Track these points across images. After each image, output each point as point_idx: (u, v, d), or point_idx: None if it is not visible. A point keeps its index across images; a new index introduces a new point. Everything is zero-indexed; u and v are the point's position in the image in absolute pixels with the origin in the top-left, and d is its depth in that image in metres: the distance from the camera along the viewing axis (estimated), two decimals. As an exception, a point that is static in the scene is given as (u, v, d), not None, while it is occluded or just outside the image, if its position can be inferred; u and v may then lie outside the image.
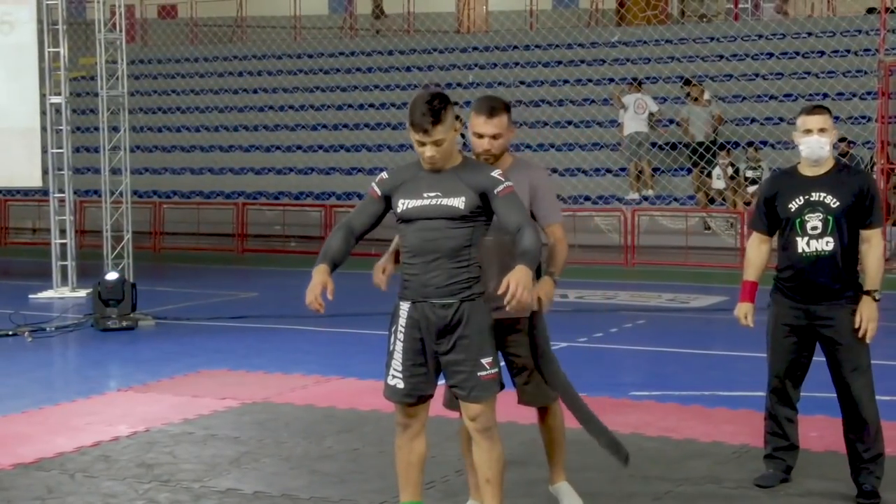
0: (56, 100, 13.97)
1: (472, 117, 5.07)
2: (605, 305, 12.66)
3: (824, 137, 5.52)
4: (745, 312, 5.73)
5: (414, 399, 4.81)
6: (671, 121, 19.55)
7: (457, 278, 4.70)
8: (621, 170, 18.86)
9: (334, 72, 24.51)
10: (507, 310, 4.62)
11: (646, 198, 18.42)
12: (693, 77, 19.23)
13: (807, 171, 5.62)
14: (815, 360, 5.71)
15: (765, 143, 18.47)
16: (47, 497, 5.75)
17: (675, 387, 8.43)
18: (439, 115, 4.61)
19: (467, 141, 5.29)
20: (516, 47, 23.33)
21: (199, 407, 7.69)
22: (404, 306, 4.79)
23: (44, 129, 14.11)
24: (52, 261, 13.93)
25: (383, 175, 4.87)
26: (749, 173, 17.52)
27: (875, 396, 5.59)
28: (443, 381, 4.87)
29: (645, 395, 8.13)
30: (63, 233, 13.93)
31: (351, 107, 22.95)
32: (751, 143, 17.81)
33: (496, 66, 22.87)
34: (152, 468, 6.23)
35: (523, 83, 21.79)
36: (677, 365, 9.56)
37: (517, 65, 22.59)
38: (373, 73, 23.98)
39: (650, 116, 18.57)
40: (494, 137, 5.04)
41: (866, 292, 5.49)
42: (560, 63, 22.43)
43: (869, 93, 18.62)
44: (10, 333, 10.81)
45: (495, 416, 4.81)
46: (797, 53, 20.37)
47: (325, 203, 19.68)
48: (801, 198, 5.54)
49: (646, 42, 22.47)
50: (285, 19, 28.00)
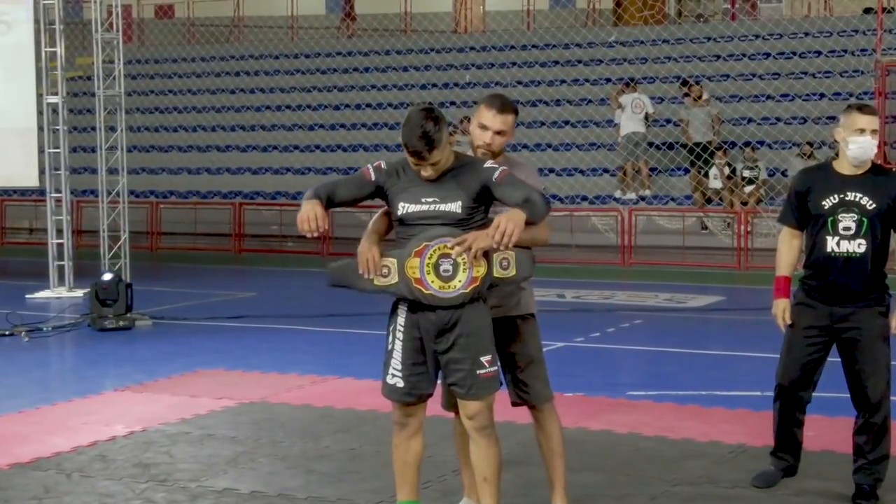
0: (53, 99, 13.95)
1: (481, 109, 5.02)
2: (603, 305, 12.66)
3: (875, 139, 5.38)
4: (782, 309, 5.56)
5: (414, 398, 4.81)
6: (668, 120, 19.55)
7: (455, 278, 4.69)
8: (619, 169, 18.86)
9: (331, 72, 24.51)
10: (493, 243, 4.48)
11: (643, 198, 18.43)
12: (690, 77, 19.25)
13: (844, 169, 5.46)
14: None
15: (762, 143, 18.48)
16: (44, 497, 5.75)
17: (673, 387, 8.43)
18: (433, 141, 4.57)
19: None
20: (513, 47, 23.33)
21: (196, 407, 7.68)
22: (403, 305, 4.79)
23: (41, 128, 14.10)
24: (48, 261, 13.92)
25: (381, 164, 4.82)
26: (746, 173, 17.52)
27: (890, 399, 5.52)
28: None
29: (642, 395, 8.13)
30: (60, 233, 13.92)
31: (348, 107, 22.95)
32: (748, 144, 17.82)
33: (493, 66, 22.88)
34: (149, 468, 6.23)
35: (520, 83, 21.79)
36: (675, 365, 9.56)
37: (514, 65, 22.59)
38: (370, 72, 23.98)
39: (647, 116, 18.57)
40: (498, 133, 5.01)
41: None
42: (557, 63, 22.44)
43: (866, 93, 18.62)
44: (7, 333, 10.80)
45: (493, 415, 4.81)
46: (794, 53, 20.38)
47: (322, 203, 19.65)
48: (835, 196, 5.39)
49: (643, 42, 22.48)
50: (282, 19, 28.01)
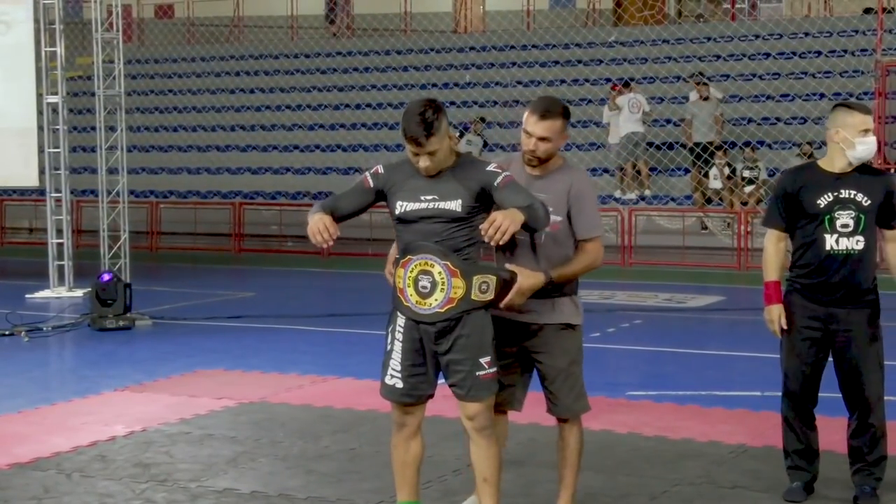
0: (53, 99, 13.95)
1: (525, 114, 4.95)
2: (603, 305, 12.65)
3: (871, 136, 5.38)
4: (777, 315, 5.47)
5: (413, 399, 4.80)
6: (668, 120, 19.55)
7: (455, 278, 4.68)
8: (619, 170, 18.86)
9: (331, 71, 24.51)
10: (484, 236, 4.47)
11: (643, 197, 18.42)
12: (693, 75, 19.15)
13: (834, 167, 5.39)
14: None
15: (762, 143, 18.48)
16: (44, 497, 5.75)
17: (672, 387, 8.43)
18: (432, 127, 4.58)
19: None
20: (513, 47, 23.33)
21: (196, 407, 7.68)
22: (403, 307, 4.78)
23: (40, 128, 14.09)
24: (48, 260, 13.91)
25: (379, 168, 4.85)
26: (746, 173, 17.52)
27: (884, 399, 5.49)
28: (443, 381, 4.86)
29: (642, 395, 8.13)
30: (60, 232, 13.91)
31: (348, 106, 22.95)
32: (748, 144, 17.82)
33: (493, 66, 22.88)
34: (149, 468, 6.23)
35: (520, 83, 21.79)
36: (674, 365, 9.56)
37: (514, 65, 22.59)
38: (370, 72, 23.99)
39: (644, 116, 18.56)
40: (542, 140, 4.88)
41: None
42: (557, 63, 22.44)
43: (866, 93, 18.62)
44: (7, 333, 10.79)
45: (493, 416, 4.80)
46: (794, 53, 20.39)
47: (322, 203, 19.66)
48: (829, 194, 5.33)
49: (643, 42, 22.49)
50: (282, 19, 28.01)
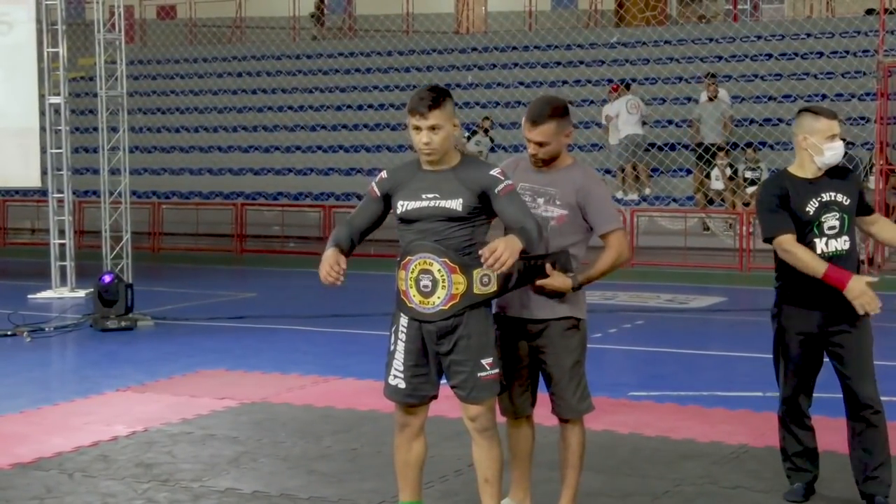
0: (55, 100, 13.96)
1: (523, 119, 5.02)
2: (604, 306, 12.65)
3: (839, 141, 5.37)
4: (864, 283, 5.23)
5: (415, 399, 4.81)
6: (670, 121, 19.56)
7: (457, 278, 4.68)
8: (621, 170, 18.86)
9: (333, 72, 24.54)
10: (484, 265, 4.46)
11: (644, 198, 18.42)
12: (707, 75, 19.06)
13: (807, 173, 5.39)
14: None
15: (763, 143, 18.48)
16: (46, 497, 5.75)
17: (674, 387, 8.43)
18: (438, 100, 4.62)
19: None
20: (515, 48, 23.34)
21: (198, 407, 7.69)
22: (406, 307, 4.78)
23: (43, 129, 14.11)
24: (50, 261, 13.93)
25: (382, 174, 4.87)
26: (748, 174, 17.52)
27: (880, 400, 5.43)
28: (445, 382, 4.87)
29: (643, 396, 8.13)
30: (62, 233, 13.92)
31: (350, 107, 22.97)
32: (749, 144, 17.81)
33: (495, 66, 22.90)
34: (151, 468, 6.24)
35: (522, 84, 21.81)
36: (676, 365, 9.56)
37: (516, 66, 22.61)
38: (372, 73, 24.01)
39: (643, 117, 18.58)
40: (540, 144, 4.94)
41: None
42: (559, 64, 22.45)
43: (868, 94, 18.64)
44: (9, 334, 10.80)
45: (495, 417, 4.82)
46: (796, 54, 20.40)
47: (323, 203, 19.69)
48: (814, 200, 5.33)
49: (644, 43, 22.50)
50: (284, 20, 28.03)
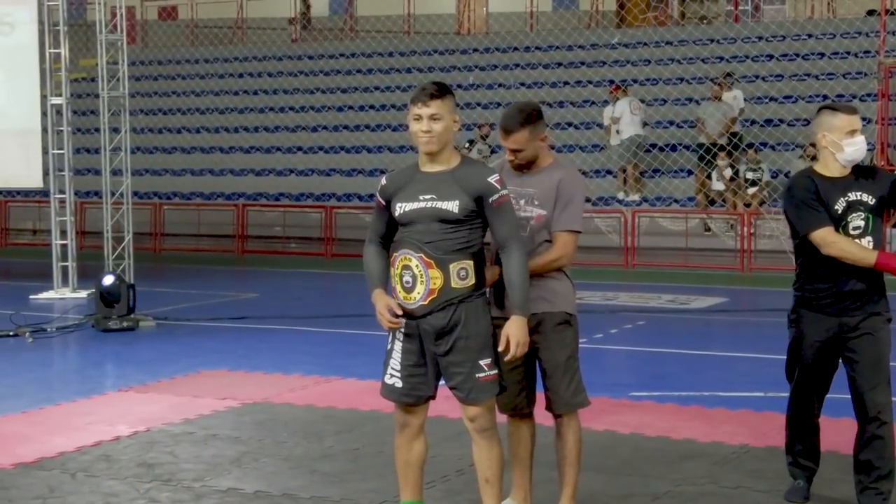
0: (57, 101, 13.98)
1: (497, 127, 5.09)
2: (606, 307, 12.67)
3: (860, 137, 5.20)
4: None
5: (412, 399, 4.82)
6: (671, 122, 19.57)
7: (455, 280, 4.70)
8: (623, 171, 18.86)
9: (335, 73, 24.54)
10: (504, 360, 4.70)
11: (646, 199, 18.42)
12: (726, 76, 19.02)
13: (833, 172, 5.22)
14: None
15: (765, 144, 18.48)
16: (48, 496, 5.77)
17: (675, 387, 8.44)
18: (441, 91, 4.67)
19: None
20: (516, 49, 23.35)
21: (200, 407, 7.70)
22: (405, 306, 4.80)
23: (44, 130, 14.12)
24: (52, 262, 13.94)
25: (382, 181, 4.87)
26: (749, 175, 17.52)
27: (893, 410, 5.33)
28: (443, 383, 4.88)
29: (644, 396, 8.14)
30: (64, 234, 13.94)
31: (351, 108, 22.97)
32: (751, 145, 17.81)
33: (496, 67, 22.90)
34: (153, 468, 6.25)
35: (523, 85, 21.81)
36: (677, 366, 9.57)
37: (517, 66, 22.61)
38: (373, 74, 24.01)
39: (644, 118, 18.64)
40: (514, 151, 5.03)
41: None
42: (560, 65, 22.45)
43: (869, 94, 18.63)
44: (11, 334, 10.82)
45: (495, 417, 4.82)
46: (797, 55, 20.40)
47: (325, 204, 19.69)
48: (842, 200, 5.18)
49: (646, 44, 22.50)
50: (285, 20, 28.04)
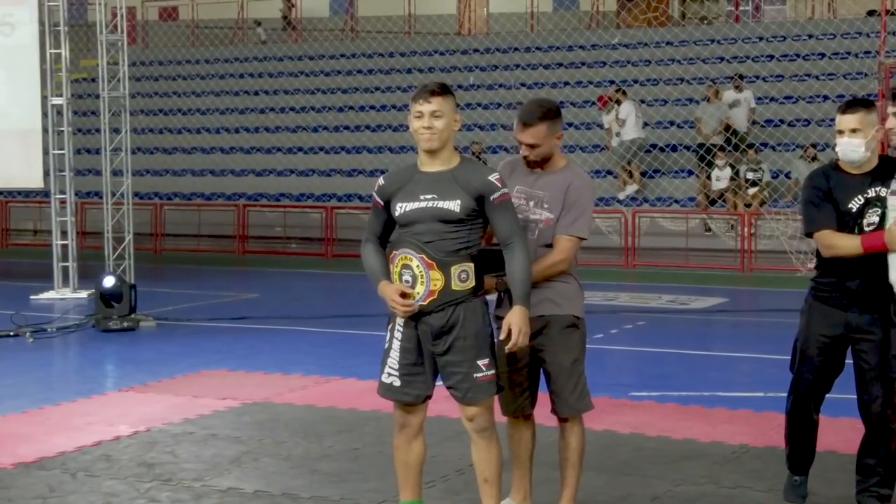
0: (57, 101, 13.98)
1: (515, 123, 5.06)
2: (606, 307, 12.67)
3: (857, 139, 5.00)
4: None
5: (410, 398, 4.81)
6: (671, 122, 19.58)
7: (454, 280, 4.70)
8: (625, 171, 18.86)
9: (335, 74, 24.56)
10: (506, 349, 4.71)
11: (633, 198, 18.42)
12: (694, 78, 19.16)
13: (852, 169, 5.09)
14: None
15: (765, 144, 18.48)
16: (49, 496, 5.77)
17: (675, 387, 8.44)
18: (443, 89, 4.69)
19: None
20: (517, 49, 23.35)
21: (200, 407, 7.70)
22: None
23: (45, 130, 14.13)
24: (53, 262, 13.95)
25: (380, 181, 4.86)
26: (750, 175, 17.53)
27: None
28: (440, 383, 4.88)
29: (645, 396, 8.15)
30: (64, 234, 13.95)
31: (352, 108, 22.98)
32: (751, 146, 17.82)
33: (497, 68, 22.91)
34: (153, 467, 6.25)
35: (524, 85, 21.81)
36: (677, 366, 9.57)
37: (517, 67, 22.61)
38: (374, 74, 24.02)
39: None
40: (531, 146, 5.00)
41: None
42: (560, 65, 22.46)
43: (869, 95, 18.58)
44: (12, 334, 10.83)
45: (493, 417, 4.82)
46: (797, 55, 20.41)
47: (325, 204, 19.71)
48: (859, 196, 5.03)
49: (646, 44, 22.50)
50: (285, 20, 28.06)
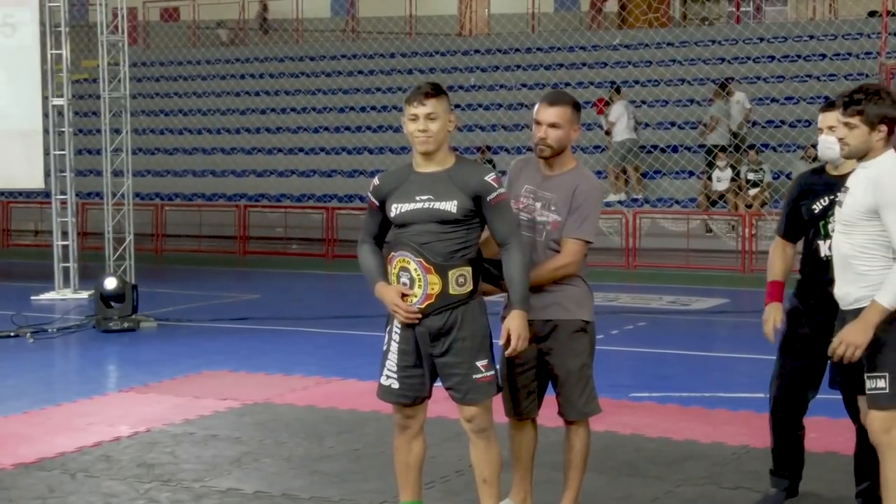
0: (58, 101, 13.98)
1: (537, 105, 5.00)
2: (607, 307, 12.65)
3: (832, 136, 4.98)
4: (773, 313, 5.22)
5: (409, 400, 4.81)
6: (672, 123, 19.58)
7: (452, 281, 4.69)
8: (623, 172, 18.86)
9: (336, 74, 24.55)
10: (505, 354, 4.71)
11: (635, 200, 18.43)
12: (695, 79, 19.15)
13: (833, 169, 5.14)
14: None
15: (766, 145, 18.47)
16: (48, 496, 5.77)
17: (676, 388, 8.44)
18: (437, 90, 4.66)
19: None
20: (518, 50, 23.34)
21: (201, 407, 7.70)
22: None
23: (46, 131, 14.13)
24: (54, 262, 13.95)
25: (375, 181, 4.85)
26: (751, 176, 17.52)
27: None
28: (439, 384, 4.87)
29: (645, 397, 8.14)
30: (65, 235, 13.94)
31: (353, 109, 22.97)
32: (752, 146, 17.81)
33: (497, 68, 22.90)
34: (153, 468, 6.25)
35: (525, 86, 21.80)
36: (678, 367, 9.56)
37: (518, 67, 22.61)
38: (374, 75, 24.01)
39: (636, 121, 18.75)
40: (552, 126, 4.91)
41: None
42: (561, 66, 22.44)
43: (870, 95, 18.60)
44: (12, 335, 10.83)
45: (492, 418, 4.81)
46: (798, 56, 20.39)
47: (326, 205, 19.70)
48: (826, 198, 5.04)
49: (647, 45, 22.49)
50: (287, 22, 28.04)
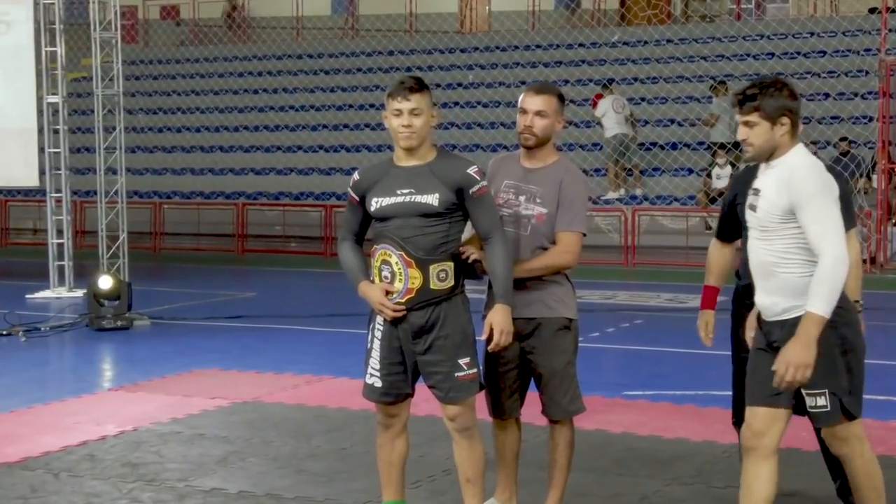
0: (53, 99, 13.93)
1: (522, 95, 4.96)
2: (604, 305, 12.61)
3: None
4: (702, 323, 5.19)
5: (391, 398, 4.76)
6: (672, 120, 19.50)
7: (433, 276, 4.64)
8: (622, 169, 18.81)
9: (335, 72, 24.51)
10: (488, 349, 4.68)
11: (634, 197, 18.36)
12: (695, 76, 19.12)
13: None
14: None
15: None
16: (30, 497, 5.71)
17: (670, 386, 8.38)
18: (420, 85, 4.61)
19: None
20: (518, 47, 23.30)
21: (189, 406, 7.65)
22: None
23: (41, 129, 14.08)
24: (49, 261, 13.90)
25: (355, 176, 4.79)
26: (749, 173, 17.43)
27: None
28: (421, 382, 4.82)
29: (639, 395, 8.09)
30: (60, 233, 13.90)
31: (352, 107, 22.93)
32: (752, 144, 17.70)
33: (497, 66, 22.84)
34: (137, 467, 6.20)
35: (524, 83, 21.64)
36: (673, 365, 9.51)
37: (518, 65, 22.56)
38: (374, 73, 23.95)
39: (631, 116, 18.64)
40: (538, 115, 4.87)
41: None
42: (561, 63, 22.39)
43: (870, 92, 18.56)
44: (5, 333, 10.78)
45: (475, 416, 4.76)
46: (799, 53, 20.31)
47: (325, 203, 19.64)
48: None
49: (647, 42, 22.43)
50: (287, 20, 28.00)
